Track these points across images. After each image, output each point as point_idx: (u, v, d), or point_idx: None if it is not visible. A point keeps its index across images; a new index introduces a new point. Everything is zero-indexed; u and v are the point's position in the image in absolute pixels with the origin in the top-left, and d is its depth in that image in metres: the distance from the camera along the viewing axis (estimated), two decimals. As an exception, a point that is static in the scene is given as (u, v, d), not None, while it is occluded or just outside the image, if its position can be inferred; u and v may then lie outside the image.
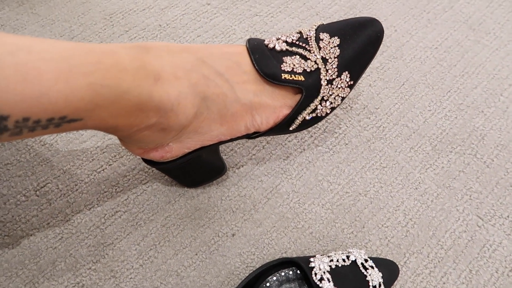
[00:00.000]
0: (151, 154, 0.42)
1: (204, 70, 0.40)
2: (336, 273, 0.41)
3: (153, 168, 0.53)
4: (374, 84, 0.63)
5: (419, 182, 0.54)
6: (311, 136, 0.57)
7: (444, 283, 0.47)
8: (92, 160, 0.54)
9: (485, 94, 0.62)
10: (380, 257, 0.47)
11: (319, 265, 0.41)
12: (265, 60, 0.43)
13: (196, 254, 0.48)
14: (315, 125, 0.58)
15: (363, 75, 0.62)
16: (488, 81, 0.64)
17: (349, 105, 0.61)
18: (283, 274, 0.44)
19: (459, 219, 0.51)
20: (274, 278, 0.44)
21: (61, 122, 0.31)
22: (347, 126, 0.59)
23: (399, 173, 0.55)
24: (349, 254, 0.43)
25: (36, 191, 0.51)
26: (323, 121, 0.59)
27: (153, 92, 0.36)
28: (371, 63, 0.58)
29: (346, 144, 0.57)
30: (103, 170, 0.53)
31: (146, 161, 0.45)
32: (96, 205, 0.50)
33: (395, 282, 0.46)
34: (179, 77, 0.38)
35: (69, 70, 0.29)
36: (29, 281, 0.45)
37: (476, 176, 0.55)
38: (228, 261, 0.47)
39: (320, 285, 0.39)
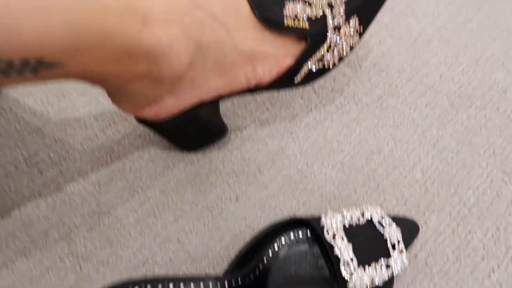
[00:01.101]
0: (145, 111, 0.39)
1: (199, 14, 0.36)
2: (350, 231, 0.37)
3: (150, 134, 0.50)
4: (384, 42, 0.58)
5: (437, 139, 0.50)
6: (318, 96, 0.53)
7: (468, 241, 0.43)
8: (86, 128, 0.51)
9: (505, 47, 0.58)
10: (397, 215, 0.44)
11: (331, 222, 0.37)
12: (265, 4, 0.39)
13: (198, 220, 0.44)
14: (322, 85, 0.54)
15: (372, 33, 0.58)
16: (508, 33, 0.59)
17: (358, 63, 0.56)
18: (292, 236, 0.40)
19: (482, 175, 0.47)
20: (283, 240, 0.40)
21: (38, 66, 0.27)
22: (356, 84, 0.55)
23: (414, 130, 0.51)
24: (364, 211, 0.39)
25: (26, 161, 0.48)
26: (331, 80, 0.55)
27: (142, 36, 0.32)
28: (381, 20, 0.54)
29: (356, 103, 0.53)
30: (97, 138, 0.50)
31: (140, 120, 0.41)
32: (90, 173, 0.47)
33: (415, 240, 0.42)
34: (171, 20, 0.34)
35: (43, 5, 0.26)
36: (20, 252, 0.42)
37: (499, 130, 0.51)
38: (232, 225, 0.44)
39: (333, 243, 0.36)
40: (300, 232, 0.40)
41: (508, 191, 0.46)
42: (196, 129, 0.44)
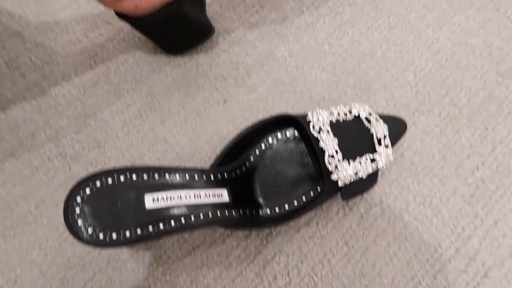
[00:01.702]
0: (125, 2, 0.37)
1: None
2: (336, 126, 0.37)
3: (135, 38, 0.48)
4: None
5: (433, 41, 0.48)
6: (311, -3, 0.51)
7: (456, 141, 0.43)
8: (67, 32, 0.49)
9: None
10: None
11: (317, 118, 0.37)
12: None
13: (185, 122, 0.44)
14: (315, -17, 0.51)
15: None
16: None
17: (354, -38, 0.53)
18: (279, 135, 0.40)
19: (476, 76, 0.46)
20: (270, 139, 0.40)
21: None
22: (351, -15, 0.51)
23: (410, 32, 0.49)
24: (351, 108, 0.38)
25: (7, 65, 0.46)
26: (324, -20, 0.51)
27: None
28: None
29: (350, 4, 0.50)
30: (79, 41, 0.48)
31: (121, 16, 0.39)
32: (74, 77, 0.46)
33: (402, 140, 0.42)
34: None
35: None
36: (9, 153, 0.42)
37: (498, 31, 0.49)
38: (220, 127, 0.44)
39: (319, 137, 0.35)
40: (287, 132, 0.40)
41: (501, 92, 0.45)
42: (180, 26, 0.42)
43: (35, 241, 0.38)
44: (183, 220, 0.32)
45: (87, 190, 0.30)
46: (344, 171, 0.35)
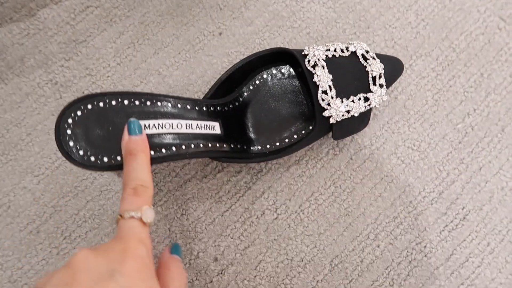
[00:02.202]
0: None
1: None
2: (332, 62, 0.36)
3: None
4: None
5: (439, -20, 0.46)
6: None
7: (450, 86, 0.43)
8: (55, -50, 0.45)
9: None
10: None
11: (313, 52, 0.36)
12: None
13: (179, 53, 0.43)
14: None
15: None
16: None
17: None
18: (274, 71, 0.40)
19: (478, 20, 0.45)
20: (265, 75, 0.40)
21: None
22: None
23: (416, -31, 0.46)
24: (349, 45, 0.38)
25: (-8, -17, 0.44)
26: None
27: None
28: None
29: None
30: (68, -39, 0.45)
31: None
32: None
33: (397, 83, 0.42)
34: None
35: None
36: (-3, 77, 0.41)
37: (507, -26, 0.47)
38: (214, 60, 0.43)
39: (313, 72, 0.35)
40: (282, 69, 0.39)
41: (501, 37, 0.44)
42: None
43: (28, 168, 0.39)
44: (174, 149, 0.32)
45: (78, 112, 0.30)
46: (337, 108, 0.35)
